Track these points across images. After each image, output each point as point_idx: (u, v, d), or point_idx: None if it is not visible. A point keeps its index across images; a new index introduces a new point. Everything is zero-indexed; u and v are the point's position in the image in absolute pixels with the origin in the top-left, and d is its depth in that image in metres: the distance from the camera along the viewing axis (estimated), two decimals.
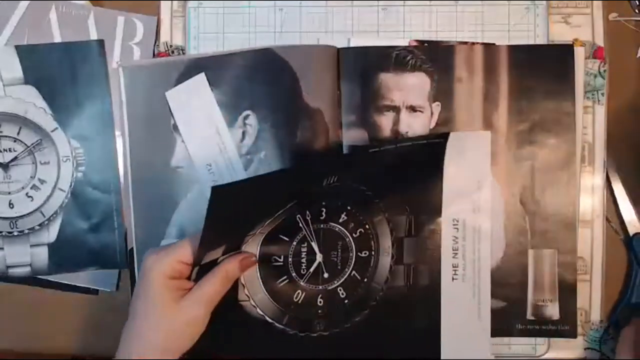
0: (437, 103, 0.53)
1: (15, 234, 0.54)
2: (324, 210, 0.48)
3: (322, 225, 0.48)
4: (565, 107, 0.52)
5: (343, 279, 0.49)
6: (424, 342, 0.51)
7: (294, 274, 0.48)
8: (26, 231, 0.54)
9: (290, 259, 0.48)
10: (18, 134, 0.54)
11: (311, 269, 0.48)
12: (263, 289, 0.47)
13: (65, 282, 0.55)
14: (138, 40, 0.56)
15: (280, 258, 0.48)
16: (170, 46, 0.56)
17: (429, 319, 0.50)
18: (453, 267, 0.51)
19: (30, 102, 0.54)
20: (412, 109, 0.53)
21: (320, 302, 0.49)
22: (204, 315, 0.42)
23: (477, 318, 0.51)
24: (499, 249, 0.53)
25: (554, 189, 0.52)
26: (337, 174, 0.46)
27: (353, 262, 0.49)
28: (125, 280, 0.55)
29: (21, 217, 0.54)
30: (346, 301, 0.49)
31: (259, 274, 0.47)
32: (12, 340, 0.56)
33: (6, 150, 0.54)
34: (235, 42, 0.55)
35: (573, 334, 0.53)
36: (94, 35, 0.55)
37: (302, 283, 0.48)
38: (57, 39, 0.55)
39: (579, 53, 0.53)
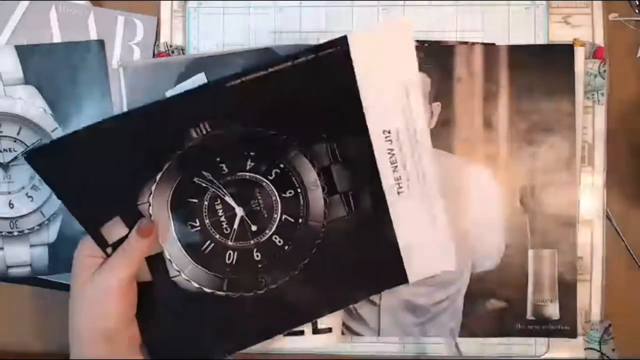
0: (437, 103, 0.53)
1: (15, 234, 0.54)
2: (223, 165, 0.44)
3: (229, 178, 0.44)
4: (565, 107, 0.52)
5: (275, 226, 0.45)
6: (386, 268, 0.47)
7: (217, 236, 0.45)
8: (26, 231, 0.54)
9: (207, 221, 0.44)
10: (18, 134, 0.54)
11: (235, 225, 0.44)
12: (190, 259, 0.44)
13: (65, 282, 0.55)
14: (138, 40, 0.56)
15: (196, 222, 0.44)
16: (170, 46, 0.56)
17: (385, 241, 0.47)
18: (395, 180, 0.47)
19: (30, 102, 0.54)
20: None
21: (257, 256, 0.45)
22: (118, 284, 0.42)
23: (434, 227, 0.48)
24: (499, 249, 0.53)
25: (554, 189, 0.53)
26: (207, 119, 0.43)
27: (279, 205, 0.45)
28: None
29: (21, 217, 0.54)
30: (286, 247, 0.45)
31: (180, 244, 0.44)
32: (12, 340, 0.56)
33: (6, 150, 0.54)
34: (235, 42, 0.55)
35: (573, 334, 0.53)
36: (94, 35, 0.55)
37: (229, 243, 0.45)
38: (57, 39, 0.55)
39: (579, 53, 0.53)
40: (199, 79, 0.52)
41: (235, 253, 0.45)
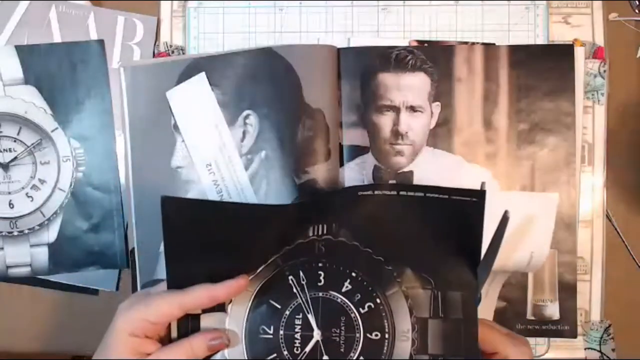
0: (437, 103, 0.53)
1: (15, 234, 0.54)
2: (322, 273, 0.40)
3: (320, 294, 0.40)
4: (565, 107, 0.52)
5: None
6: None
7: (285, 352, 0.40)
8: (26, 231, 0.54)
9: (281, 332, 0.40)
10: (18, 134, 0.54)
11: (307, 349, 0.40)
12: None
13: (65, 282, 0.55)
14: (138, 40, 0.56)
15: (269, 329, 0.40)
16: (170, 46, 0.56)
17: None
18: None
19: (30, 102, 0.54)
20: (412, 109, 0.53)
21: None
22: None
23: None
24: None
25: (554, 189, 0.53)
26: (324, 222, 0.40)
27: (360, 345, 0.40)
28: (125, 280, 0.55)
29: (21, 217, 0.54)
30: None
31: (245, 347, 0.40)
32: (12, 340, 0.56)
33: (6, 150, 0.54)
34: (235, 42, 0.55)
35: (573, 334, 0.53)
36: (94, 35, 0.55)
37: None
38: (57, 39, 0.55)
39: (579, 53, 0.53)
40: (200, 78, 0.52)
41: None
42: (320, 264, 0.40)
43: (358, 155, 0.53)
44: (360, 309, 0.40)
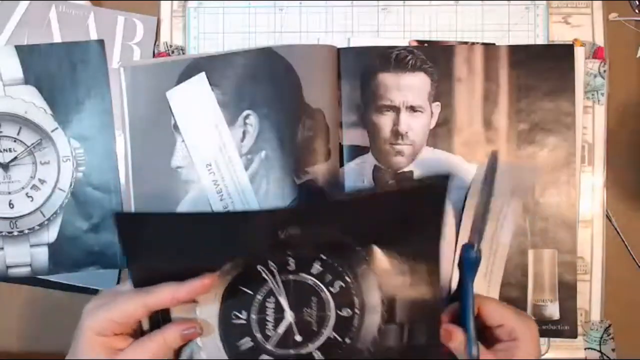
0: (437, 103, 0.53)
1: (15, 234, 0.54)
2: (292, 259, 0.41)
3: (291, 277, 0.41)
4: (565, 107, 0.52)
5: (320, 342, 0.41)
6: None
7: (258, 335, 0.41)
8: (26, 231, 0.54)
9: (254, 317, 0.41)
10: (18, 134, 0.54)
11: (279, 330, 0.41)
12: (223, 351, 0.41)
13: (65, 282, 0.55)
14: (138, 40, 0.56)
15: (241, 314, 0.41)
16: (170, 46, 0.56)
17: None
18: None
19: (30, 102, 0.54)
20: (412, 109, 0.53)
21: None
22: None
23: None
24: None
25: (554, 189, 0.53)
26: (298, 226, 0.40)
27: (332, 322, 0.41)
28: (126, 281, 0.55)
29: (21, 217, 0.54)
30: None
31: (218, 333, 0.41)
32: (12, 340, 0.56)
33: (6, 150, 0.54)
34: (235, 42, 0.55)
35: (573, 334, 0.53)
36: (94, 35, 0.55)
37: (268, 346, 0.41)
38: (57, 39, 0.55)
39: (579, 53, 0.53)
40: (200, 78, 0.52)
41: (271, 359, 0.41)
42: (289, 252, 0.41)
43: (358, 155, 0.53)
44: (331, 289, 0.41)
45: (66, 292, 0.55)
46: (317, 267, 0.41)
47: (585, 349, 0.54)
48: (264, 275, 0.41)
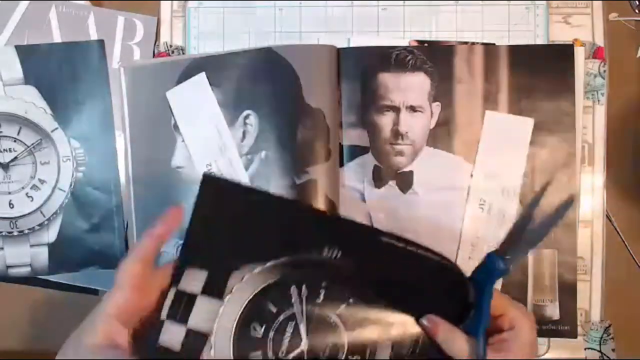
0: (437, 103, 0.53)
1: (15, 234, 0.54)
2: (323, 292, 0.41)
3: (316, 310, 0.41)
4: (565, 107, 0.52)
5: None
6: None
7: (269, 352, 0.41)
8: (26, 231, 0.54)
9: (271, 334, 0.41)
10: (18, 134, 0.54)
11: (291, 356, 0.41)
12: (232, 355, 0.41)
13: (65, 282, 0.55)
14: (138, 40, 0.56)
15: (260, 327, 0.41)
16: (170, 46, 0.56)
17: None
18: None
19: (30, 102, 0.54)
20: (412, 109, 0.53)
21: None
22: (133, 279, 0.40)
23: None
24: None
25: (554, 189, 0.52)
26: (341, 250, 0.41)
27: None
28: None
29: (21, 217, 0.54)
30: None
31: (232, 338, 0.41)
32: (12, 340, 0.56)
33: (6, 150, 0.54)
34: (235, 42, 0.55)
35: (573, 334, 0.53)
36: (94, 35, 0.55)
37: None
38: (57, 39, 0.55)
39: (579, 53, 0.53)
40: (200, 78, 0.52)
41: None
42: (324, 284, 0.41)
43: (358, 155, 0.53)
44: (349, 332, 0.41)
45: (66, 292, 0.55)
46: (342, 308, 0.41)
47: (585, 349, 0.54)
48: (293, 299, 0.41)
